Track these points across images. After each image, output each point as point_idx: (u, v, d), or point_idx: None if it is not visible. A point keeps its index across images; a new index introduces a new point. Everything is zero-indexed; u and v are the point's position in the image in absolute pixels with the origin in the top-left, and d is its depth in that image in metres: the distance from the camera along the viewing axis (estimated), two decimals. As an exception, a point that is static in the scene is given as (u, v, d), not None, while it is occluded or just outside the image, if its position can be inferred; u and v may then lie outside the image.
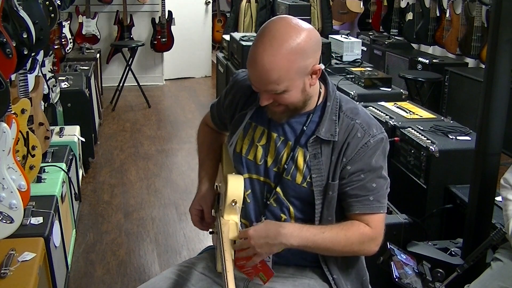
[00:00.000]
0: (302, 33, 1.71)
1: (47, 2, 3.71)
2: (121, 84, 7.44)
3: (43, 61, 4.02)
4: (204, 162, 2.23)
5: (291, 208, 1.94)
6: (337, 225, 1.88)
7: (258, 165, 1.96)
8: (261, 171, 1.96)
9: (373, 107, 4.05)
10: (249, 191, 1.98)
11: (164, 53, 8.52)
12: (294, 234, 1.79)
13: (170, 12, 8.18)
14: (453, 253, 2.73)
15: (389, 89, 4.64)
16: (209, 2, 9.10)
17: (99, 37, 7.92)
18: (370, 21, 8.50)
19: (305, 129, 1.90)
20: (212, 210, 2.10)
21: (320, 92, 1.92)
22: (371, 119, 1.90)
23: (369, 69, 5.09)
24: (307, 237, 1.80)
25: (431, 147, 3.18)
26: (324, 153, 1.87)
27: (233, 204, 1.87)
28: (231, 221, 1.88)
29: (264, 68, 1.70)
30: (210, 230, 2.13)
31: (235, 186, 1.89)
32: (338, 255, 1.94)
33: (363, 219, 1.88)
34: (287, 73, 1.70)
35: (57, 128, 4.39)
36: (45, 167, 3.51)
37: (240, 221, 1.96)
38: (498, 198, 2.74)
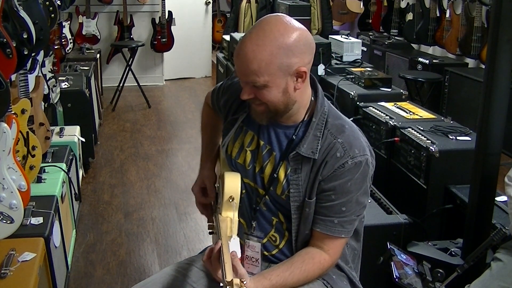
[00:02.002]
0: (292, 31, 1.72)
1: (47, 2, 3.71)
2: (121, 84, 7.44)
3: (43, 61, 4.02)
4: (208, 145, 2.27)
5: (280, 214, 1.96)
6: (300, 262, 1.85)
7: (247, 169, 1.97)
8: (250, 176, 1.97)
9: (373, 107, 4.05)
10: (244, 191, 1.99)
11: (164, 53, 8.52)
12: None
13: (170, 12, 8.18)
14: (453, 253, 2.73)
15: (389, 89, 4.64)
16: (209, 2, 9.10)
17: (99, 37, 7.92)
18: (370, 21, 8.51)
19: (290, 142, 1.89)
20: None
21: (310, 105, 1.89)
22: (356, 139, 1.85)
23: (369, 69, 5.08)
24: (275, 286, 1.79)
25: (431, 147, 3.18)
26: (304, 170, 1.85)
27: (231, 200, 1.88)
28: (229, 218, 1.89)
29: (246, 57, 1.70)
30: (210, 231, 2.14)
31: (232, 183, 1.91)
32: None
33: (322, 239, 1.88)
34: (267, 66, 1.70)
35: (57, 128, 4.39)
36: (45, 167, 3.51)
37: (238, 219, 1.98)
38: (498, 198, 2.75)
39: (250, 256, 1.98)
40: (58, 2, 4.21)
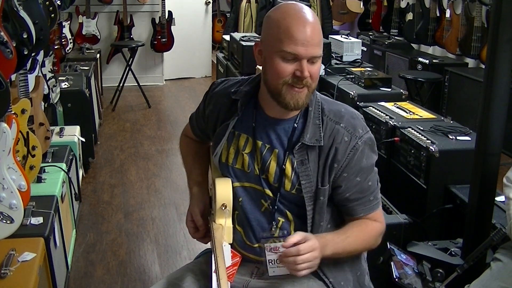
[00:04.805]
0: None
1: (47, 2, 3.71)
2: (121, 84, 7.44)
3: (43, 61, 4.02)
4: (192, 171, 2.22)
5: (288, 212, 1.94)
6: (355, 227, 1.90)
7: (247, 172, 1.96)
8: (251, 179, 1.96)
9: (373, 107, 4.05)
10: (241, 198, 1.97)
11: (164, 53, 8.53)
12: (329, 245, 1.80)
13: (170, 12, 8.18)
14: (453, 253, 2.73)
15: (389, 89, 4.63)
16: (209, 2, 9.11)
17: (99, 37, 7.92)
18: (370, 21, 8.51)
19: (291, 135, 1.89)
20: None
21: None
22: (355, 119, 1.91)
23: (369, 69, 5.07)
24: (338, 245, 1.83)
25: (431, 147, 3.18)
26: (311, 159, 1.87)
27: (223, 208, 1.88)
28: (221, 226, 1.89)
29: (313, 30, 1.76)
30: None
31: (224, 190, 1.91)
32: (357, 254, 1.99)
33: (368, 218, 1.94)
34: (321, 38, 1.79)
35: (57, 128, 4.39)
36: (45, 167, 3.51)
37: (235, 227, 1.97)
38: (498, 198, 2.74)
39: (274, 259, 1.89)
40: (58, 2, 4.20)
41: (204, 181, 2.18)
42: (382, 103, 4.13)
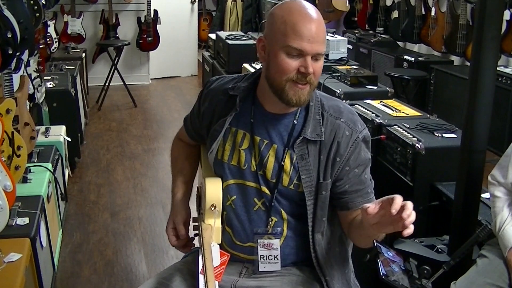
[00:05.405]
0: None
1: (32, 1, 3.69)
2: (107, 84, 7.41)
3: (28, 61, 3.99)
4: (178, 176, 2.25)
5: (282, 211, 1.94)
6: None
7: (242, 169, 1.94)
8: (246, 176, 1.94)
9: (359, 105, 4.05)
10: (234, 196, 1.96)
11: (150, 52, 8.50)
12: None
13: (155, 11, 8.15)
14: (439, 250, 2.74)
15: (375, 87, 4.65)
16: (195, 1, 9.08)
17: (84, 36, 7.88)
18: (356, 19, 8.51)
19: (291, 130, 1.89)
20: (191, 221, 2.14)
21: None
22: (354, 115, 1.94)
23: (355, 67, 5.09)
24: None
25: (417, 144, 3.19)
26: (311, 154, 1.87)
27: (213, 208, 1.87)
28: (210, 226, 1.88)
29: (319, 27, 1.76)
30: (195, 232, 2.13)
31: (213, 190, 1.90)
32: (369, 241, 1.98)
33: None
34: (326, 35, 1.81)
35: (42, 128, 4.36)
36: (31, 167, 3.49)
37: (224, 228, 1.96)
38: (484, 195, 2.75)
39: (266, 255, 1.94)
40: (43, 1, 4.18)
41: (188, 189, 2.23)
42: (368, 101, 4.13)
